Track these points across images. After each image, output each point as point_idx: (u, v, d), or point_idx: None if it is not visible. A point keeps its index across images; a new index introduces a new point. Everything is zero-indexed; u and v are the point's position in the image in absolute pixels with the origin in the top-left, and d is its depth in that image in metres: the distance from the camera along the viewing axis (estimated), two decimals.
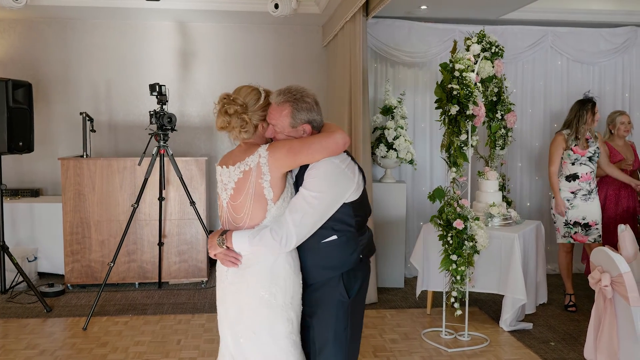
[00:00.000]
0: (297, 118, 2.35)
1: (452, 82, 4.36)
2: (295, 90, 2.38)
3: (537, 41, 6.45)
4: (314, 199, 2.29)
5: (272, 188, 2.33)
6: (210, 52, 6.79)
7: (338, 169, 2.33)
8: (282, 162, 2.31)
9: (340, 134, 2.35)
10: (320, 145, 2.29)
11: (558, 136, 5.21)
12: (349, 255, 2.41)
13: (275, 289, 2.35)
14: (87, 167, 5.61)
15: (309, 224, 2.31)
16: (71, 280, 5.64)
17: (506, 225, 4.97)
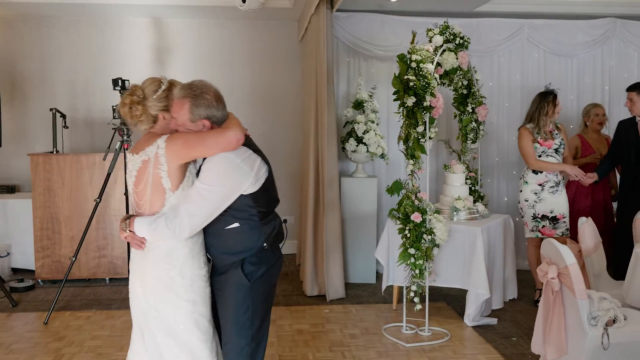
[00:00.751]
0: (196, 113, 2.40)
1: (408, 73, 4.31)
2: (196, 87, 2.43)
3: (513, 34, 6.38)
4: (206, 191, 2.38)
5: (170, 178, 2.41)
6: (185, 48, 6.79)
7: (232, 163, 2.40)
8: (178, 154, 2.38)
9: (234, 131, 2.39)
10: (213, 141, 2.36)
11: (523, 130, 5.13)
12: (253, 242, 2.51)
13: (173, 272, 2.45)
14: (56, 163, 5.63)
15: (202, 214, 2.39)
16: (42, 275, 5.66)
17: (472, 219, 4.92)
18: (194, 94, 2.40)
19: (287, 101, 6.98)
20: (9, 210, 6.03)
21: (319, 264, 5.35)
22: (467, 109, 5.31)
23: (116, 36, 6.75)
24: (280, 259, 2.66)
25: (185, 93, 2.41)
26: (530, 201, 5.12)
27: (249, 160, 2.45)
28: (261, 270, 2.53)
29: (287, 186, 6.91)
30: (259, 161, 2.49)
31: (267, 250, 2.55)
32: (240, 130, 2.42)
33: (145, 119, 2.47)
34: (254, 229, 2.50)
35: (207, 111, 2.41)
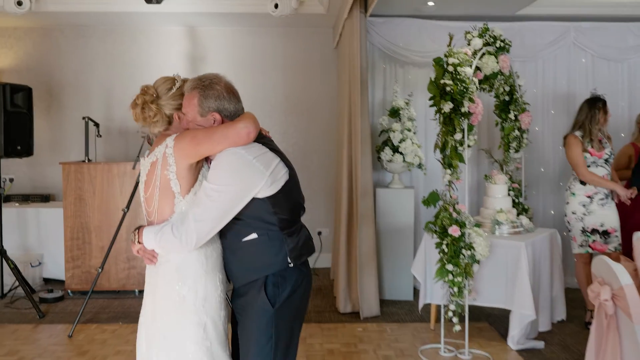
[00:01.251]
0: (205, 106, 2.21)
1: (445, 77, 4.07)
2: (205, 78, 2.25)
3: (558, 37, 6.05)
4: (213, 191, 2.12)
5: (179, 180, 2.18)
6: (219, 56, 6.70)
7: (242, 159, 2.14)
8: (186, 152, 2.16)
9: (244, 122, 2.17)
10: (221, 135, 2.14)
11: (572, 138, 4.79)
12: (273, 256, 2.22)
13: (185, 289, 2.19)
14: (87, 171, 5.57)
15: (210, 219, 2.12)
16: (71, 286, 5.60)
17: (516, 233, 4.60)
18: (202, 85, 2.22)
19: (322, 110, 6.79)
20: (43, 219, 6.01)
21: (352, 279, 5.12)
22: (509, 117, 5.02)
23: (151, 45, 6.71)
24: (308, 277, 2.35)
25: (194, 84, 2.24)
26: (578, 214, 4.79)
27: (263, 158, 2.18)
28: (286, 291, 2.22)
29: (322, 197, 6.72)
30: (277, 161, 2.22)
31: (294, 267, 2.26)
32: (252, 123, 2.18)
33: (159, 119, 2.28)
34: (275, 240, 2.22)
35: (217, 103, 2.21)
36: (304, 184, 7.19)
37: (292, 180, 2.27)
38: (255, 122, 2.21)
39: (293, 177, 2.29)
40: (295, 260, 2.25)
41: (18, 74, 6.62)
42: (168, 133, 2.32)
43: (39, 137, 6.54)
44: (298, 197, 2.33)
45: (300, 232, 2.32)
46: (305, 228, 2.39)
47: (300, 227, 2.34)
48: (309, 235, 2.38)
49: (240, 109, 2.29)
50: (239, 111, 2.27)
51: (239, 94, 2.32)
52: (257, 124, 2.22)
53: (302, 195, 2.38)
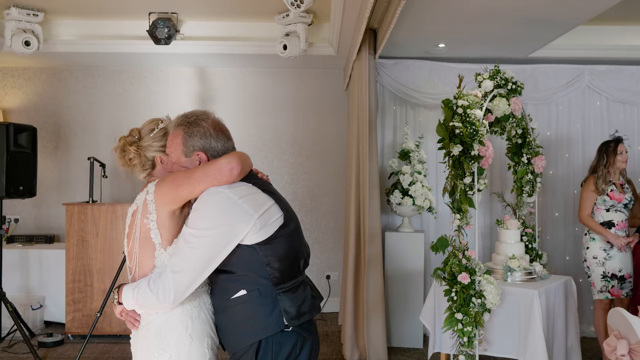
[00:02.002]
0: (190, 145, 2.03)
1: (454, 119, 3.97)
2: (191, 114, 2.08)
3: (572, 80, 5.95)
4: (193, 237, 1.89)
5: (160, 229, 1.98)
6: (229, 97, 6.68)
7: (225, 199, 1.91)
8: (166, 197, 1.97)
9: (227, 158, 1.97)
10: (201, 173, 1.93)
11: (588, 180, 4.73)
12: (265, 317, 1.94)
13: (164, 357, 1.96)
14: (91, 213, 5.50)
15: (190, 269, 1.87)
16: (72, 330, 5.46)
17: (529, 280, 4.42)
18: (187, 122, 2.04)
19: (332, 152, 6.71)
20: (45, 260, 5.91)
21: (359, 325, 4.93)
22: (522, 160, 4.88)
23: (159, 85, 6.71)
24: (311, 341, 2.04)
25: (179, 121, 2.06)
26: (599, 258, 4.69)
27: (252, 199, 1.94)
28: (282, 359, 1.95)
29: (331, 240, 6.59)
30: (269, 203, 1.98)
31: (290, 331, 1.97)
32: (236, 158, 1.96)
33: (138, 162, 2.13)
34: (266, 297, 1.93)
35: (203, 141, 2.02)
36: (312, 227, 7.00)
37: (289, 225, 2.02)
38: (241, 159, 2.00)
39: (290, 222, 2.03)
40: (292, 321, 1.96)
41: (26, 113, 6.64)
42: (152, 179, 2.15)
43: (45, 178, 6.51)
44: (297, 245, 2.05)
45: (300, 289, 2.03)
46: (308, 284, 2.10)
47: (300, 282, 2.05)
48: (314, 292, 2.09)
49: (230, 147, 2.10)
50: (228, 150, 2.07)
51: (228, 132, 2.13)
52: (242, 161, 2.00)
53: (305, 244, 2.13)
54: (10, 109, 6.66)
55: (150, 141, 2.13)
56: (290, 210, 2.11)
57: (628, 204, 4.65)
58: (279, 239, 1.97)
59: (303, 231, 2.22)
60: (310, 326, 2.06)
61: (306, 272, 2.19)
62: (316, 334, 2.10)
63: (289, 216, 2.05)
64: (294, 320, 1.96)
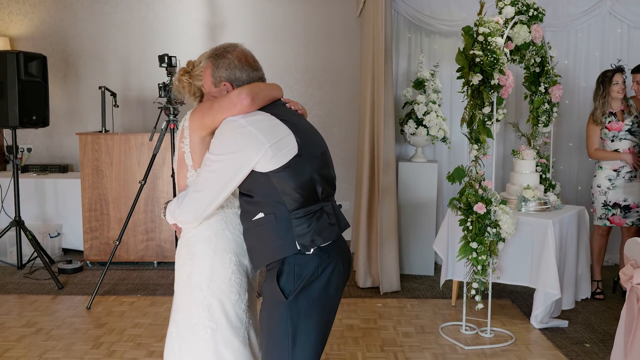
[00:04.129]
0: (217, 75, 2.16)
1: (474, 47, 3.88)
2: (220, 47, 2.20)
3: (593, 6, 5.76)
4: (211, 161, 2.04)
5: (192, 153, 2.18)
6: (239, 24, 6.53)
7: (238, 128, 2.03)
8: (195, 124, 2.16)
9: (238, 90, 2.07)
10: (218, 105, 2.08)
11: (590, 116, 4.84)
12: (279, 239, 2.03)
13: (191, 266, 2.17)
14: (104, 142, 5.49)
15: (208, 190, 2.05)
16: (90, 257, 5.57)
17: (543, 210, 4.45)
18: (215, 54, 2.17)
19: (345, 81, 6.61)
20: (61, 189, 5.97)
21: (372, 254, 5.02)
22: (539, 89, 4.82)
23: (168, 12, 6.55)
24: (333, 266, 2.08)
25: (209, 54, 2.20)
26: (602, 187, 4.79)
27: (264, 127, 2.02)
28: (302, 281, 2.01)
29: (343, 170, 6.59)
30: (285, 132, 2.04)
31: (311, 254, 2.03)
32: (249, 89, 2.05)
33: (189, 90, 2.31)
34: (282, 221, 2.02)
35: (228, 72, 2.14)
36: None
37: (304, 155, 2.04)
38: (253, 90, 2.07)
39: (306, 152, 2.05)
40: (305, 247, 2.02)
41: (33, 41, 6.52)
42: None
43: (56, 107, 6.47)
44: (313, 174, 2.07)
45: (316, 215, 2.06)
46: (326, 212, 2.11)
47: (319, 209, 2.08)
48: (331, 220, 2.12)
49: (256, 78, 2.18)
50: (253, 81, 2.17)
51: (257, 63, 2.21)
52: (254, 92, 2.07)
53: (328, 173, 2.16)
54: (17, 36, 6.55)
55: (198, 71, 2.27)
56: (311, 139, 2.14)
57: (631, 128, 4.66)
58: (292, 167, 2.02)
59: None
60: (333, 249, 2.09)
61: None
62: (339, 257, 2.12)
63: (305, 146, 2.07)
64: (307, 245, 2.03)
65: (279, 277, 2.02)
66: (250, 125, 2.02)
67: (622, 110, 4.72)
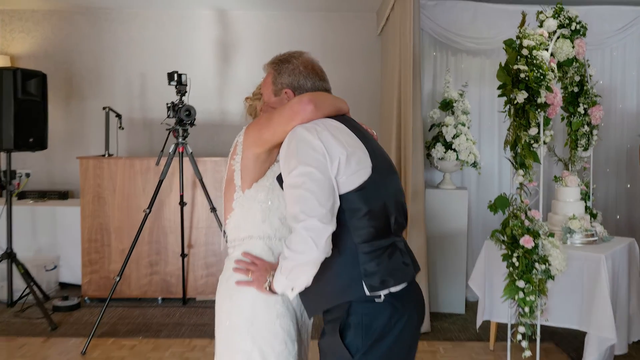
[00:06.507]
0: (278, 82, 1.93)
1: (518, 62, 3.49)
2: (285, 53, 1.99)
3: (628, 23, 5.40)
4: (297, 177, 1.65)
5: (242, 171, 1.89)
6: (253, 43, 6.17)
7: (311, 133, 1.71)
8: (251, 139, 1.86)
9: (297, 97, 1.80)
10: (279, 115, 1.79)
11: None
12: (344, 277, 1.69)
13: (230, 304, 1.86)
14: (107, 167, 5.09)
15: (313, 209, 1.61)
16: (88, 292, 5.12)
17: (590, 243, 4.01)
18: (278, 60, 1.96)
19: (364, 101, 6.20)
20: (59, 218, 5.53)
21: None
22: (578, 110, 4.41)
23: (178, 30, 6.21)
24: (407, 317, 1.73)
25: (271, 60, 1.99)
26: None
27: (340, 133, 1.75)
28: (371, 337, 1.66)
29: None
30: (359, 147, 1.75)
31: (382, 303, 1.68)
32: (307, 95, 1.80)
33: (251, 112, 2.21)
34: (347, 255, 1.69)
35: (291, 78, 1.90)
36: None
37: (378, 177, 1.74)
38: (314, 95, 1.81)
39: (380, 174, 1.76)
40: (373, 288, 1.67)
41: (36, 60, 6.17)
42: None
43: (56, 129, 6.10)
44: (386, 201, 1.75)
45: (387, 252, 1.72)
46: (399, 249, 1.78)
47: (389, 244, 1.75)
48: (405, 259, 1.78)
49: (322, 88, 1.94)
50: (319, 90, 1.93)
51: (323, 73, 1.98)
52: (316, 97, 1.80)
53: (400, 201, 1.83)
54: (19, 55, 6.20)
55: (257, 91, 2.15)
56: (385, 160, 1.85)
57: None
58: (366, 189, 1.70)
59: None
60: (406, 295, 1.75)
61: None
62: (414, 306, 1.77)
63: (379, 167, 1.77)
64: (375, 287, 1.67)
65: (344, 331, 1.67)
66: (325, 131, 1.72)
67: None
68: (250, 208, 1.88)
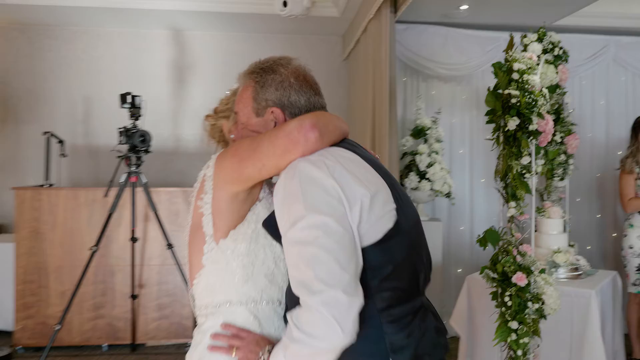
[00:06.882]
0: (262, 98, 1.48)
1: (510, 86, 3.27)
2: (268, 59, 1.57)
3: (597, 52, 5.36)
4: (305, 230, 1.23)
5: (214, 216, 1.44)
6: (210, 65, 5.80)
7: (322, 170, 1.30)
8: (227, 174, 1.42)
9: (298, 120, 1.37)
10: (270, 143, 1.36)
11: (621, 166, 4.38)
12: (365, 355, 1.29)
13: None
14: (47, 199, 4.57)
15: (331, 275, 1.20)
16: (22, 341, 4.53)
17: (575, 277, 3.81)
18: (260, 68, 1.52)
19: None
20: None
21: None
22: (554, 139, 4.25)
23: (130, 51, 5.78)
24: None
25: (250, 69, 1.53)
26: (635, 248, 4.24)
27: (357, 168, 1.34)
28: None
29: None
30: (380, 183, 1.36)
31: None
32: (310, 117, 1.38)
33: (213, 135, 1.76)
34: (367, 327, 1.28)
35: (279, 93, 1.47)
36: None
37: (405, 223, 1.36)
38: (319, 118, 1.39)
39: (406, 218, 1.37)
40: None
41: None
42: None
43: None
44: (416, 253, 1.39)
45: (417, 317, 1.36)
46: (430, 311, 1.44)
47: (419, 307, 1.38)
48: (438, 323, 1.42)
49: (318, 105, 1.52)
50: (314, 108, 1.49)
51: (317, 85, 1.57)
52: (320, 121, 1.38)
53: (426, 250, 1.46)
54: None
55: (220, 105, 1.72)
56: (404, 194, 1.43)
57: None
58: (392, 240, 1.31)
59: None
60: None
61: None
62: None
63: (403, 208, 1.36)
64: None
65: None
66: (338, 165, 1.31)
67: None
68: (227, 264, 1.45)
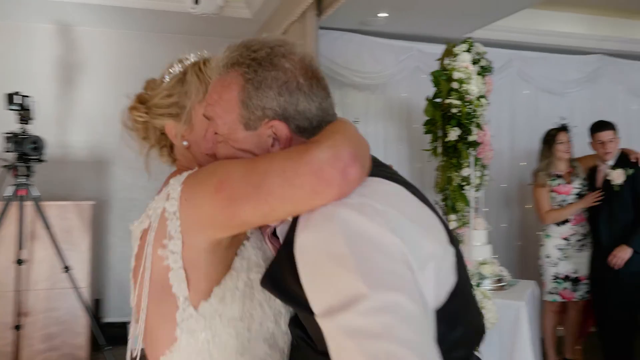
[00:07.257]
0: (254, 104, 1.01)
1: (449, 96, 3.20)
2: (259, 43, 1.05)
3: (502, 66, 5.48)
4: (370, 317, 0.81)
5: (188, 270, 1.01)
6: (101, 64, 5.25)
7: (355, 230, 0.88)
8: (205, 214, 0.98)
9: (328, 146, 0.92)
10: (282, 178, 0.91)
11: (534, 179, 4.44)
12: None
13: None
14: None
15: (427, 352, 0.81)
16: None
17: (500, 289, 3.82)
18: (253, 59, 1.03)
19: None
20: None
21: None
22: None
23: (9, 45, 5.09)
24: None
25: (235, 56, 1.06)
26: (552, 258, 4.30)
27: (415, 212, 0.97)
28: None
29: None
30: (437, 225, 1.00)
31: None
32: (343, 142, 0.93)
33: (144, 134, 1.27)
34: None
35: (284, 99, 1.01)
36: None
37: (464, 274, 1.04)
38: (358, 142, 0.97)
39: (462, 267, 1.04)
40: None
41: None
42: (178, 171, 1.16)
43: None
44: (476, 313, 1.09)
45: None
46: None
47: None
48: None
49: (331, 112, 1.09)
50: (328, 114, 1.07)
51: (326, 82, 1.10)
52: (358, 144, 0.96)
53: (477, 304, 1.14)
54: None
55: (160, 99, 1.24)
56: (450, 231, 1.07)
57: (581, 192, 4.27)
58: (449, 306, 0.95)
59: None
60: None
61: None
62: None
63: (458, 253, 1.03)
64: None
65: None
66: (393, 211, 0.91)
67: (569, 173, 4.32)
68: (215, 336, 1.06)
